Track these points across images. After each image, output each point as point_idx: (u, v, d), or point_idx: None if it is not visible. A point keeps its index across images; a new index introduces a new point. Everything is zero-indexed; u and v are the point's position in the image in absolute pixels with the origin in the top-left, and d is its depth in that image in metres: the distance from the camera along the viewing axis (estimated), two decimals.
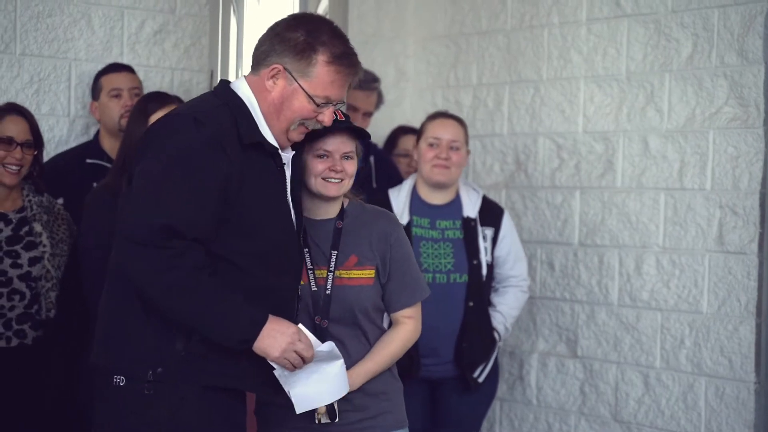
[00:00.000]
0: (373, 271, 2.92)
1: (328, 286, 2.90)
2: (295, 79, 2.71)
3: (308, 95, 2.72)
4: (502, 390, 4.78)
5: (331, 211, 2.95)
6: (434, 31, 5.19)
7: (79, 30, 4.28)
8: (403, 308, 2.96)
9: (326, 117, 2.75)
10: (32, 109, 3.96)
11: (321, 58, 2.71)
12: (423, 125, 4.09)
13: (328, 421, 2.87)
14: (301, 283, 2.89)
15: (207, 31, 4.39)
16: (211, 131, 2.61)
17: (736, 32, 4.08)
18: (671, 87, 4.28)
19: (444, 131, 4.03)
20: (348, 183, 2.91)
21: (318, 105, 2.73)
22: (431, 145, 4.01)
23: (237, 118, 2.68)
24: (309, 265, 2.91)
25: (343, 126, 2.89)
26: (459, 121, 4.13)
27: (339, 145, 2.89)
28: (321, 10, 3.93)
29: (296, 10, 3.90)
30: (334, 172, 2.87)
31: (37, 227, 3.55)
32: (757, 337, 4.04)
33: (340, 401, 2.86)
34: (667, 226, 4.28)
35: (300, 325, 2.72)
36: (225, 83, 2.79)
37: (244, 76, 2.80)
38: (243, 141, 2.66)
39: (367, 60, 5.04)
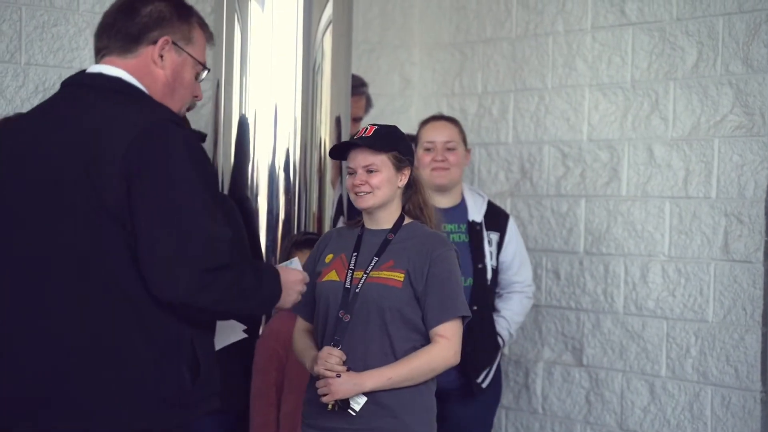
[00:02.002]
0: (402, 275, 2.96)
1: (359, 285, 2.97)
2: (182, 48, 2.51)
3: (197, 61, 2.54)
4: (508, 399, 4.77)
5: (384, 222, 3.06)
6: (439, 39, 5.19)
7: (84, 39, 4.28)
8: (436, 325, 2.95)
9: (200, 90, 2.62)
10: None
11: (195, 21, 2.55)
12: (418, 132, 4.12)
13: (340, 407, 2.92)
14: (336, 279, 3.00)
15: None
16: (195, 133, 2.51)
17: (741, 40, 4.07)
18: (676, 95, 4.27)
19: (437, 134, 4.05)
20: (380, 194, 3.01)
21: (205, 69, 2.57)
22: (427, 149, 4.04)
23: None
24: (351, 266, 3.00)
25: (360, 141, 3.01)
26: (452, 121, 4.15)
27: (360, 160, 3.01)
28: (325, 17, 3.93)
29: (300, 17, 3.89)
30: (358, 187, 3.00)
31: None
32: (763, 345, 4.02)
33: (352, 401, 2.90)
34: (672, 235, 4.27)
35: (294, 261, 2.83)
36: (111, 78, 2.47)
37: (110, 65, 2.48)
38: (200, 140, 2.53)
39: (372, 68, 5.08)
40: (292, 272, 2.65)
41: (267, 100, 3.89)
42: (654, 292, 4.32)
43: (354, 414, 2.91)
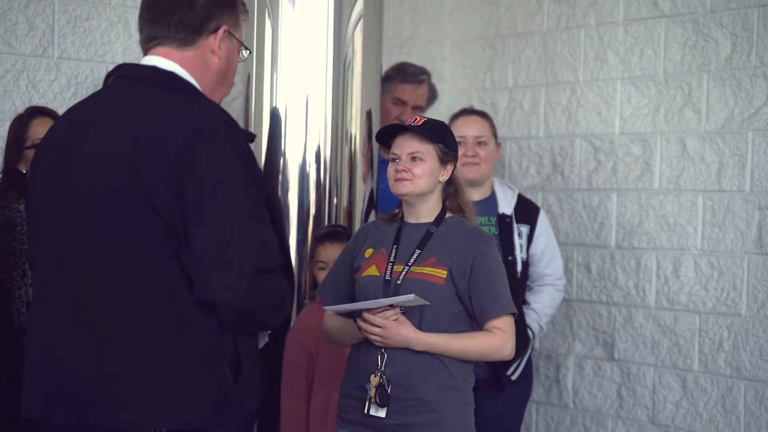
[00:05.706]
0: (445, 272, 2.93)
1: (400, 279, 2.94)
2: (233, 35, 2.49)
3: (244, 47, 2.54)
4: (539, 393, 4.76)
5: (425, 215, 3.03)
6: (470, 33, 5.18)
7: (116, 33, 4.31)
8: (491, 319, 2.94)
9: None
10: None
11: (239, 3, 2.53)
12: (448, 125, 4.10)
13: (377, 412, 2.91)
14: (376, 274, 2.97)
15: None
16: (244, 133, 2.44)
17: None
18: (709, 88, 4.24)
19: (468, 128, 4.04)
20: (420, 183, 2.97)
21: (247, 50, 2.56)
22: (458, 144, 4.02)
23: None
24: (391, 259, 2.98)
25: (409, 127, 2.97)
26: (483, 115, 4.13)
27: (406, 146, 2.98)
28: (356, 13, 3.93)
29: (331, 14, 3.90)
30: (399, 173, 2.95)
31: None
32: None
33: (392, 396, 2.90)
34: (705, 229, 4.24)
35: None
36: (165, 72, 2.43)
37: (165, 58, 2.44)
38: (249, 140, 2.46)
39: None
40: None
41: (298, 95, 3.89)
42: (686, 286, 4.29)
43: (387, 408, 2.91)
